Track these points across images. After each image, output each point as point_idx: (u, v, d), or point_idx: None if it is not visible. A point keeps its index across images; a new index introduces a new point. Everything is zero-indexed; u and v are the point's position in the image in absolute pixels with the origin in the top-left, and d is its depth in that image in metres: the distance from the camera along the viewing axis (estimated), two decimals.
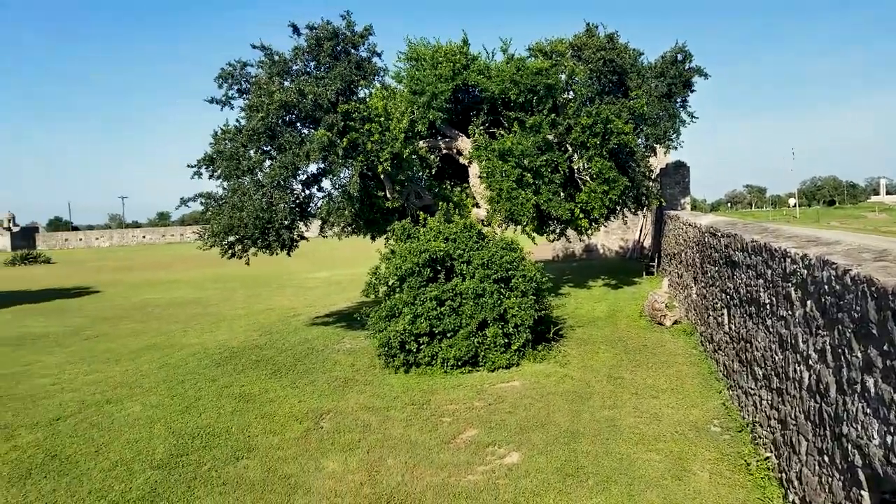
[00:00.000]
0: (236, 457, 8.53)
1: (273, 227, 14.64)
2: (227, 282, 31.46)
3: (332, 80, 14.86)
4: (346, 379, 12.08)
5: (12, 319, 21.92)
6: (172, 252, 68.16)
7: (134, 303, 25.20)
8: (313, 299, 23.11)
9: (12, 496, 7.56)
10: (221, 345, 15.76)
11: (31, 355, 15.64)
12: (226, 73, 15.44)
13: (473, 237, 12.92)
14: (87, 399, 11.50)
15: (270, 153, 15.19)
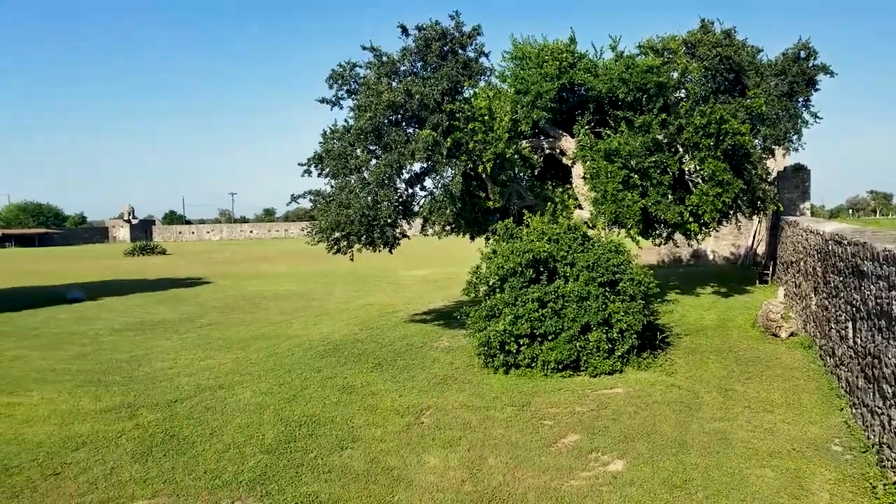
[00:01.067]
0: (341, 446, 8.73)
1: (377, 225, 14.93)
2: (329, 276, 32.42)
3: (438, 81, 14.99)
4: (446, 377, 12.14)
5: (133, 306, 23.44)
6: (277, 247, 71.01)
7: (243, 294, 26.38)
8: (411, 296, 23.43)
9: (135, 471, 8.04)
10: (325, 337, 16.22)
11: (151, 340, 16.66)
12: (336, 74, 15.87)
13: (578, 239, 12.67)
14: (202, 383, 12.11)
15: (376, 152, 15.50)
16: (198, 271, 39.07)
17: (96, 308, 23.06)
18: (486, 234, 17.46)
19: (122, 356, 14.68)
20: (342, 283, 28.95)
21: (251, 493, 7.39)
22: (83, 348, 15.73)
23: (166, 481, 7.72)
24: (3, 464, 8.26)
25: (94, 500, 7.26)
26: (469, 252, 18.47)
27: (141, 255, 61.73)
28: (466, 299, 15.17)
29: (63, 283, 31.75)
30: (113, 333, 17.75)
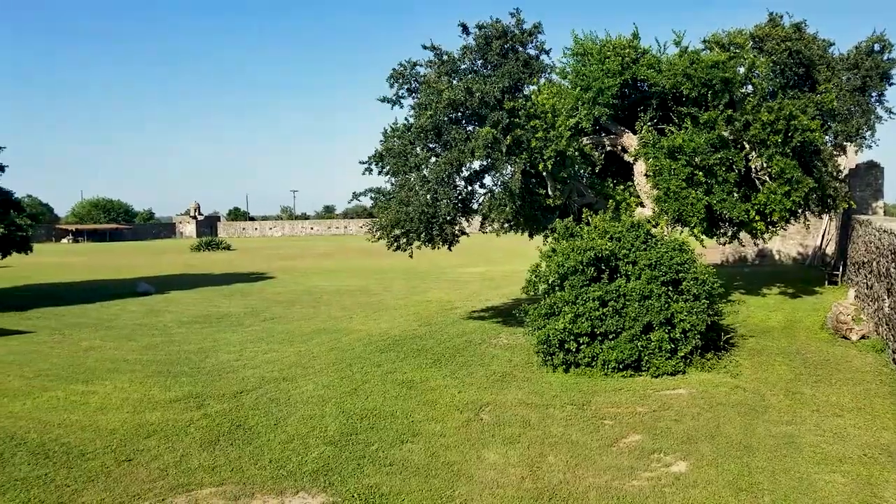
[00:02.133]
0: (401, 440, 8.84)
1: (437, 222, 15.02)
2: (387, 273, 32.77)
3: (499, 78, 14.96)
4: (504, 374, 12.13)
5: (200, 300, 24.20)
6: (337, 243, 72.19)
7: (304, 289, 26.92)
8: (469, 294, 23.49)
9: (203, 459, 8.33)
10: (384, 332, 16.43)
11: (217, 333, 17.18)
12: (397, 73, 16.02)
13: (641, 237, 12.47)
14: (266, 375, 12.43)
15: (436, 150, 15.59)
16: (261, 266, 40.05)
17: (165, 301, 23.92)
18: (545, 232, 17.34)
19: (190, 348, 15.19)
20: (400, 280, 29.22)
21: (314, 483, 7.56)
22: (153, 339, 16.35)
23: (233, 470, 7.97)
24: (79, 449, 8.67)
25: (164, 486, 7.55)
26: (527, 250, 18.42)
27: (206, 250, 63.62)
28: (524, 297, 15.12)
29: (133, 277, 33.03)
30: (181, 326, 18.39)
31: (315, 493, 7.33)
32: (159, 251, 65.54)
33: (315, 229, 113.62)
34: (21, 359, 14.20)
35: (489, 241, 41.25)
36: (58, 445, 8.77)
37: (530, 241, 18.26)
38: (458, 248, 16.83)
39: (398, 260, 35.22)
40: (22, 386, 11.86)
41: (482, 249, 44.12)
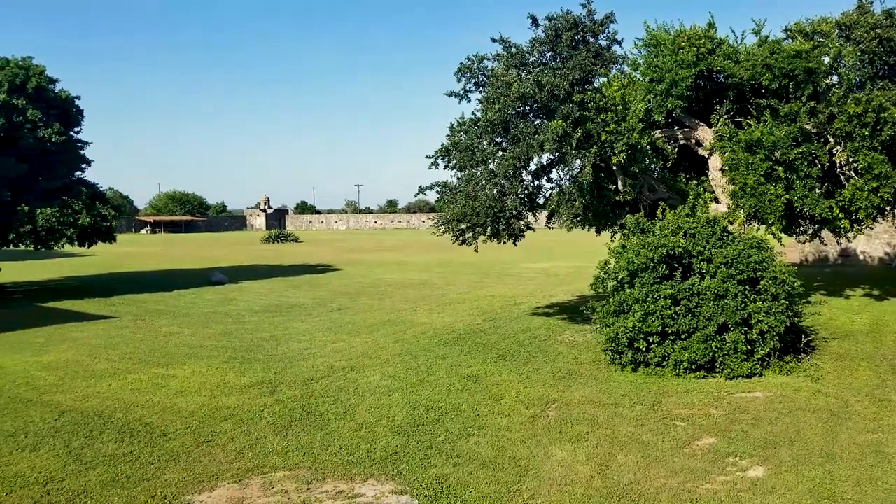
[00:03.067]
0: (468, 433, 8.86)
1: (503, 217, 14.95)
2: (450, 266, 32.88)
3: (569, 71, 14.74)
4: (571, 371, 12.01)
5: (270, 290, 24.86)
6: (400, 236, 72.86)
7: (369, 281, 27.30)
8: (533, 289, 23.32)
9: (277, 443, 8.56)
10: (448, 326, 16.49)
11: (287, 322, 17.61)
12: (464, 67, 15.98)
13: (716, 234, 12.10)
14: (335, 364, 12.68)
15: (503, 144, 15.50)
16: (327, 258, 40.82)
17: (238, 290, 24.68)
18: (614, 228, 17.03)
19: (262, 335, 15.63)
20: (463, 274, 29.27)
21: (383, 471, 7.67)
22: (227, 327, 16.90)
23: (305, 455, 8.16)
24: (161, 429, 9.05)
25: (240, 467, 7.80)
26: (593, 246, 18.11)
27: (276, 242, 65.31)
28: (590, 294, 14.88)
29: (208, 267, 34.19)
30: (253, 314, 18.93)
31: (384, 480, 7.44)
32: (231, 242, 67.66)
33: (378, 223, 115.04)
34: (106, 342, 14.92)
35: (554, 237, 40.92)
36: (141, 425, 9.18)
37: (598, 237, 17.98)
38: (522, 243, 16.73)
39: (461, 254, 35.31)
40: (108, 368, 12.46)
41: (546, 245, 43.72)
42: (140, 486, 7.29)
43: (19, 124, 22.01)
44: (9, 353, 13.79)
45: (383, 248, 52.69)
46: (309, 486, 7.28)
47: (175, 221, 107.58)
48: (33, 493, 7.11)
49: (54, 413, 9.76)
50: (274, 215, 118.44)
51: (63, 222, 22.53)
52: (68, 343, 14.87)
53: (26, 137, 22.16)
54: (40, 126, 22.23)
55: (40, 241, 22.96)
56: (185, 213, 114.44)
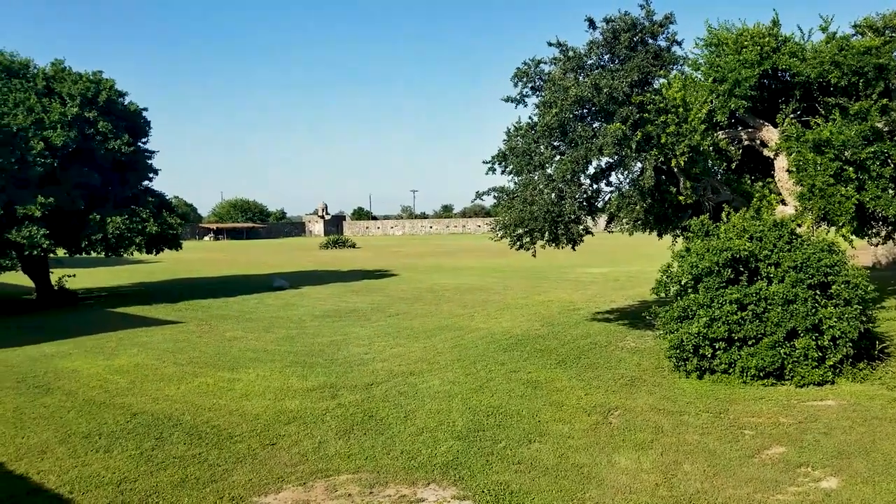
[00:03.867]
0: (529, 439, 8.80)
1: (562, 221, 14.82)
2: (506, 271, 32.78)
3: (627, 73, 14.54)
4: (633, 378, 11.80)
5: (330, 295, 25.27)
6: (455, 242, 73.06)
7: (426, 286, 27.45)
8: (592, 294, 23.03)
9: (339, 447, 8.68)
10: (506, 331, 16.44)
11: (347, 327, 17.86)
12: (521, 71, 15.93)
13: (784, 237, 11.71)
14: (394, 369, 12.78)
15: (560, 148, 15.38)
16: (384, 264, 41.25)
17: (298, 296, 25.18)
18: (676, 231, 16.69)
19: (323, 340, 15.89)
20: (520, 279, 29.13)
21: (445, 476, 7.68)
22: (289, 332, 17.25)
23: (367, 458, 8.25)
24: (227, 432, 9.29)
25: (305, 470, 7.94)
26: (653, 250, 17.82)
27: (334, 248, 66.41)
28: (652, 299, 14.62)
29: (269, 273, 35.01)
30: (314, 319, 19.28)
31: (446, 485, 7.45)
32: (291, 248, 69.11)
33: (434, 228, 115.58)
34: (174, 346, 15.43)
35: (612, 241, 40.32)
36: (209, 427, 9.45)
37: (659, 240, 17.65)
38: (581, 247, 16.54)
39: (517, 259, 35.15)
40: (176, 372, 12.88)
41: (605, 249, 43.15)
42: (209, 487, 7.49)
43: (91, 136, 23.02)
44: (83, 357, 14.41)
45: (439, 252, 52.92)
46: (372, 490, 7.35)
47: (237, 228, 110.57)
48: (108, 492, 7.39)
49: (126, 415, 10.13)
50: (331, 221, 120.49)
51: (132, 230, 23.44)
52: (138, 347, 15.44)
53: (98, 149, 23.16)
54: (111, 138, 23.19)
55: (111, 248, 23.92)
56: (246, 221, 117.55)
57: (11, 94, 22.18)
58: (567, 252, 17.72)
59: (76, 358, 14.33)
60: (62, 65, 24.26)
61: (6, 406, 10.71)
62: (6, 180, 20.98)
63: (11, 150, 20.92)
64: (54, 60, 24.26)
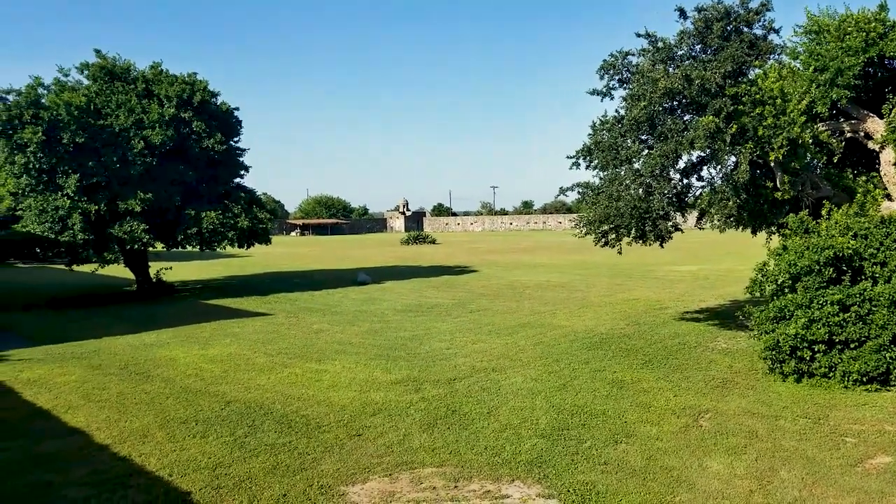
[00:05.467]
0: (615, 440, 8.62)
1: (649, 217, 14.43)
2: (588, 268, 32.23)
3: (720, 63, 13.99)
4: (725, 380, 11.36)
5: (411, 290, 25.55)
6: (536, 238, 72.46)
7: (507, 283, 27.33)
8: (680, 293, 22.33)
9: (423, 440, 8.75)
10: (590, 330, 16.15)
11: (428, 322, 18.01)
12: (607, 64, 15.60)
13: (892, 234, 10.99)
14: (476, 365, 12.78)
15: (648, 142, 14.97)
16: (465, 260, 41.36)
17: (380, 290, 25.59)
18: (771, 229, 15.93)
19: (406, 334, 16.08)
20: (603, 276, 28.58)
21: (529, 474, 7.62)
22: (373, 325, 17.55)
23: (451, 453, 8.28)
24: (316, 421, 9.53)
25: (390, 462, 8.05)
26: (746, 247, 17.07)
27: (414, 243, 67.16)
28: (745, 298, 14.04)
29: (352, 268, 35.75)
30: (396, 313, 19.54)
31: (530, 483, 7.38)
32: (373, 244, 70.37)
33: (514, 224, 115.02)
34: (264, 337, 15.99)
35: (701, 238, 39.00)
36: (298, 417, 9.73)
37: (753, 237, 16.91)
38: (667, 244, 16.05)
39: (600, 256, 34.52)
40: (266, 362, 13.33)
41: (693, 246, 41.76)
42: (299, 474, 7.70)
43: (187, 135, 24.12)
44: (180, 347, 15.12)
45: (519, 249, 52.62)
46: (456, 484, 7.37)
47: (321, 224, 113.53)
48: (204, 476, 7.72)
49: (220, 403, 10.56)
50: (412, 218, 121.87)
51: (225, 225, 24.43)
52: (230, 338, 16.07)
53: (193, 147, 24.24)
54: (205, 136, 24.22)
55: (205, 242, 25.00)
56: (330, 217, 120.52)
57: (114, 96, 23.52)
58: (653, 249, 17.25)
59: (173, 347, 15.07)
60: (160, 67, 25.49)
61: (111, 391, 11.36)
62: (110, 177, 22.29)
63: (114, 149, 22.23)
64: (153, 63, 25.54)
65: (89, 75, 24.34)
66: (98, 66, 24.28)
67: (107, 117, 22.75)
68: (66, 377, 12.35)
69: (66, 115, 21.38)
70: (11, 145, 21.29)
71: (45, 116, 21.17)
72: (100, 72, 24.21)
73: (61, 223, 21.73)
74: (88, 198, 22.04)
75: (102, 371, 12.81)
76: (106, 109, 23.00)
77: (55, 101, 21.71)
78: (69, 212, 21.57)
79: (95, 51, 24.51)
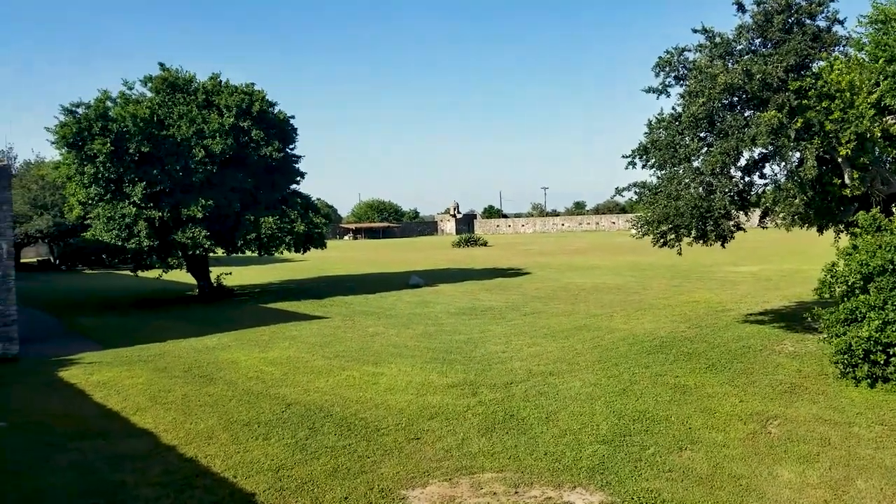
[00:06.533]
0: (679, 447, 8.40)
1: (711, 217, 14.06)
2: (645, 270, 31.62)
3: (781, 57, 13.55)
4: (793, 385, 10.96)
5: (464, 293, 25.53)
6: (589, 239, 71.54)
7: (561, 285, 27.04)
8: (742, 295, 21.68)
9: (482, 444, 8.70)
10: (649, 333, 15.83)
11: (483, 325, 17.95)
12: (663, 60, 15.30)
13: None
14: (533, 369, 12.66)
15: (708, 140, 14.61)
16: (517, 262, 41.12)
17: (434, 293, 25.65)
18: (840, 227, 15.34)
19: (460, 338, 16.06)
20: (661, 278, 27.99)
21: (591, 480, 7.49)
22: (427, 328, 17.59)
23: (510, 458, 8.21)
24: (374, 425, 9.59)
25: (449, 466, 8.03)
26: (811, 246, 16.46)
27: (466, 246, 67.14)
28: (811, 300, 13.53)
29: (405, 271, 35.96)
30: (450, 316, 19.55)
31: (593, 490, 7.26)
32: (425, 247, 70.67)
33: (566, 225, 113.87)
34: (321, 340, 16.20)
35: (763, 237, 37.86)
36: (357, 420, 9.81)
37: (820, 236, 16.31)
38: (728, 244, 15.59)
39: (656, 256, 33.86)
40: (324, 365, 13.50)
41: (754, 246, 40.54)
42: (359, 477, 7.76)
43: (245, 143, 24.69)
44: (240, 349, 15.45)
45: (572, 250, 52.05)
46: (517, 490, 7.30)
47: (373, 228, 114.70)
48: (267, 478, 7.84)
49: (281, 405, 10.73)
50: (463, 220, 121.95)
51: (282, 230, 24.91)
52: (289, 341, 16.34)
53: (251, 155, 24.80)
54: (263, 144, 24.76)
55: (263, 247, 25.54)
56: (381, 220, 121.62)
57: (176, 107, 24.28)
58: (711, 250, 16.81)
59: (235, 350, 15.41)
60: (219, 78, 26.19)
61: (175, 394, 11.68)
62: (173, 185, 23.00)
63: (177, 158, 22.92)
64: (212, 74, 26.25)
65: (152, 87, 25.20)
66: (161, 78, 25.11)
67: (169, 128, 23.49)
68: (133, 380, 12.75)
69: (132, 127, 22.16)
70: (81, 156, 22.18)
71: (112, 128, 21.99)
72: (162, 84, 25.03)
73: (128, 230, 22.51)
74: (153, 205, 22.78)
75: (168, 374, 13.19)
76: (168, 120, 23.76)
77: (121, 113, 22.54)
78: (135, 219, 22.34)
79: (159, 64, 25.40)
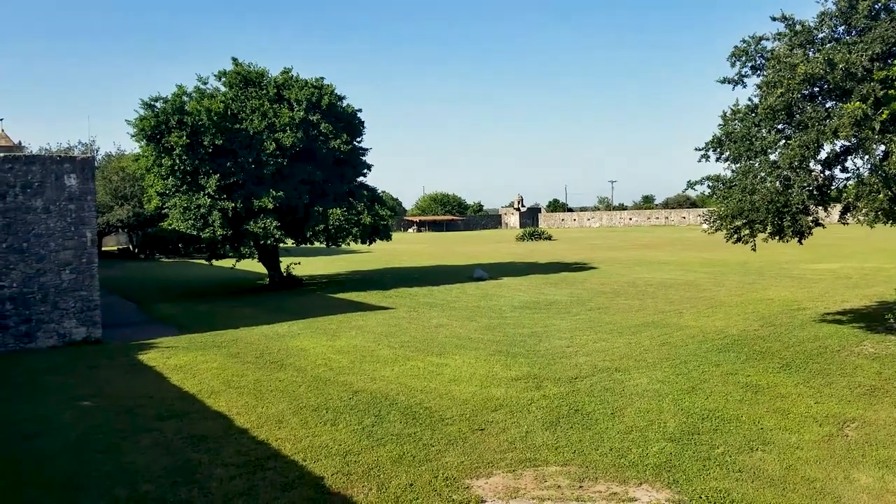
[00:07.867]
0: (750, 447, 8.19)
1: (788, 212, 13.56)
2: (716, 266, 30.72)
3: (867, 45, 12.91)
4: (873, 387, 10.50)
5: (528, 287, 25.42)
6: (658, 234, 69.96)
7: (627, 280, 26.58)
8: (819, 293, 20.83)
9: (546, 438, 8.70)
10: (720, 331, 15.41)
11: (547, 319, 17.84)
12: (739, 50, 14.83)
13: None
14: (598, 364, 12.53)
15: (786, 132, 14.08)
16: (582, 256, 40.62)
17: (497, 287, 25.63)
18: None
19: (524, 331, 16.02)
20: (733, 274, 27.15)
21: (657, 478, 7.39)
22: (490, 321, 17.62)
23: (575, 452, 8.18)
24: (439, 414, 9.70)
25: (513, 458, 8.05)
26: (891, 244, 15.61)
27: (530, 240, 66.75)
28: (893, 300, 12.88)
29: (469, 264, 36.05)
30: (514, 310, 19.51)
31: (659, 487, 7.16)
32: (488, 240, 70.66)
33: (634, 220, 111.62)
34: (387, 330, 16.46)
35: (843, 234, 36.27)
36: (422, 409, 9.94)
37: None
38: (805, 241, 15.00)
39: (729, 253, 32.87)
40: (390, 354, 13.73)
41: (833, 243, 38.85)
42: (424, 465, 7.87)
43: (315, 137, 25.23)
44: (310, 337, 15.86)
45: (640, 245, 51.02)
46: (581, 484, 7.27)
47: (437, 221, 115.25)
48: (335, 462, 8.05)
49: (348, 392, 10.98)
50: (527, 214, 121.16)
51: (350, 221, 25.38)
52: (355, 330, 16.67)
53: (320, 148, 25.34)
54: (331, 138, 25.24)
55: (331, 238, 26.09)
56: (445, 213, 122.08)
57: (248, 101, 25.01)
58: (787, 246, 16.21)
59: (304, 338, 15.82)
60: (290, 73, 26.81)
61: (248, 379, 12.10)
62: (245, 177, 23.73)
63: (249, 151, 23.63)
64: (284, 69, 26.89)
65: (226, 82, 26.02)
66: (234, 73, 25.90)
67: (242, 121, 24.22)
68: (208, 364, 13.28)
69: (207, 120, 22.95)
70: (159, 149, 23.14)
71: (188, 122, 22.85)
72: (235, 78, 25.82)
73: (203, 220, 23.39)
74: (226, 196, 23.58)
75: (240, 359, 13.67)
76: (241, 114, 24.50)
77: (197, 107, 23.38)
78: (210, 210, 23.18)
79: (233, 59, 26.21)
